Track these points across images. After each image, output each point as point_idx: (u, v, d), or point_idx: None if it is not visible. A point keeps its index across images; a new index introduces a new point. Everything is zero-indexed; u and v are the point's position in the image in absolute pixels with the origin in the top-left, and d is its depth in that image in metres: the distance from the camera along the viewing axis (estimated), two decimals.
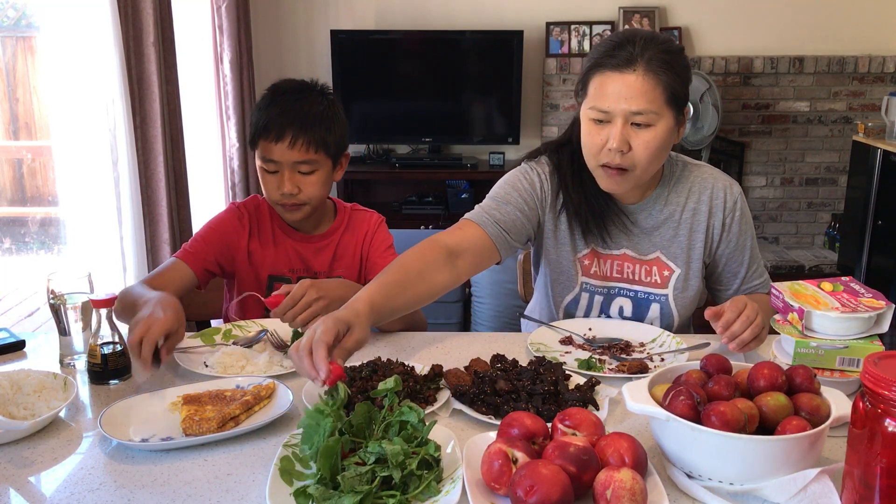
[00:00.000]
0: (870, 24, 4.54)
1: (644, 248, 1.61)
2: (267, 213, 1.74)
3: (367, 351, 1.50)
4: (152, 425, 1.17)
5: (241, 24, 3.87)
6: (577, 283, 1.63)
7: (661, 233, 1.60)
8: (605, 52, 1.43)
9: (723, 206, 1.59)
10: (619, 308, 1.63)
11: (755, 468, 0.96)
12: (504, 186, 1.62)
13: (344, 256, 1.75)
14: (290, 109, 1.59)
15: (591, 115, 1.45)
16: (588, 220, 1.57)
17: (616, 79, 1.41)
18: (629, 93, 1.40)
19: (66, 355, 1.42)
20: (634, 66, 1.40)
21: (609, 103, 1.42)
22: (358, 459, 0.99)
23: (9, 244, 4.22)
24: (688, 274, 1.61)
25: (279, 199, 1.64)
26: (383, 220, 1.81)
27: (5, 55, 4.06)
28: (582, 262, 1.62)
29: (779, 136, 4.65)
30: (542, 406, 1.18)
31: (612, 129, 1.43)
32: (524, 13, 4.56)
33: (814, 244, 4.83)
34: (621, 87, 1.41)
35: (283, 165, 1.61)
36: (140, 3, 2.70)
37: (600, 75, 1.44)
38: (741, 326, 1.33)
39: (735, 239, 1.61)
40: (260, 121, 1.61)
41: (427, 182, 4.69)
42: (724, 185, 1.60)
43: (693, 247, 1.60)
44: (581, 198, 1.57)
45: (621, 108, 1.41)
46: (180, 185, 2.99)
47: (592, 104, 1.44)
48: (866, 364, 0.89)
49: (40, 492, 1.03)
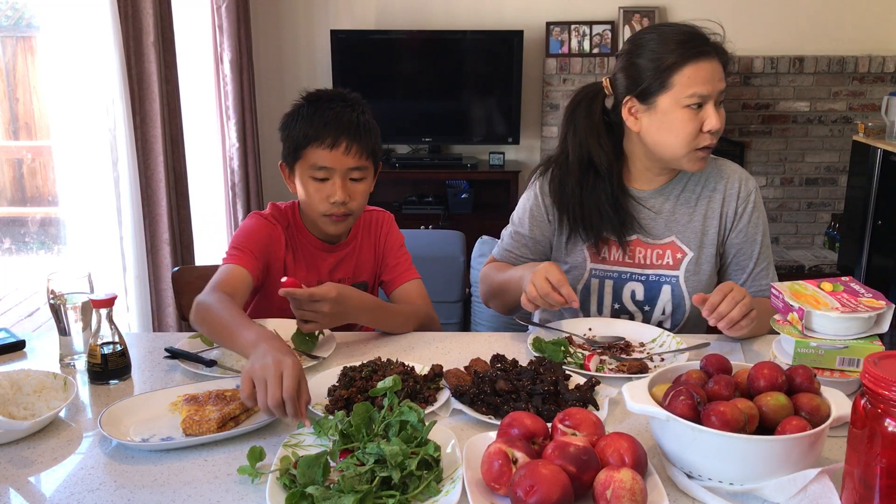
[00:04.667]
0: (870, 24, 4.54)
1: (658, 232, 1.66)
2: (301, 225, 1.68)
3: (367, 351, 1.50)
4: (152, 425, 1.17)
5: (241, 24, 3.87)
6: (587, 270, 1.67)
7: (676, 217, 1.65)
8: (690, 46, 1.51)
9: (736, 196, 1.65)
10: (632, 292, 1.66)
11: (755, 468, 0.96)
12: (519, 213, 1.74)
13: (365, 261, 1.73)
14: (341, 116, 1.56)
15: (688, 101, 1.52)
16: (603, 233, 1.63)
17: (706, 65, 1.52)
18: (719, 75, 1.53)
19: (66, 355, 1.42)
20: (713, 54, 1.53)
21: (708, 87, 1.51)
22: (357, 460, 0.99)
23: (9, 244, 4.22)
24: (700, 258, 1.65)
25: (328, 209, 1.57)
26: (392, 217, 1.79)
27: (5, 55, 4.06)
28: (590, 250, 1.67)
29: (779, 136, 4.65)
30: (542, 406, 1.18)
31: (707, 112, 1.52)
32: (524, 13, 4.56)
33: (814, 244, 4.83)
34: (713, 71, 1.52)
35: (335, 173, 1.55)
36: (140, 3, 2.70)
37: (693, 64, 1.51)
38: (728, 306, 1.37)
39: (745, 230, 1.65)
40: (309, 129, 1.55)
41: (427, 182, 4.69)
42: (740, 177, 1.67)
43: (707, 232, 1.65)
44: (595, 214, 1.62)
45: (716, 90, 1.53)
46: (180, 185, 2.99)
47: (692, 91, 1.51)
48: (866, 364, 0.89)
49: (40, 492, 1.03)
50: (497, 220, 4.49)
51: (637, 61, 1.54)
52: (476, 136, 4.65)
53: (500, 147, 4.65)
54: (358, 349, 1.51)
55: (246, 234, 1.61)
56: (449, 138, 4.72)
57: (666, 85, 1.52)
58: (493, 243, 2.30)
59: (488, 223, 4.42)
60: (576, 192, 1.62)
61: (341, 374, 1.30)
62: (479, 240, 2.32)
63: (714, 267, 1.67)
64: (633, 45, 1.57)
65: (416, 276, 1.73)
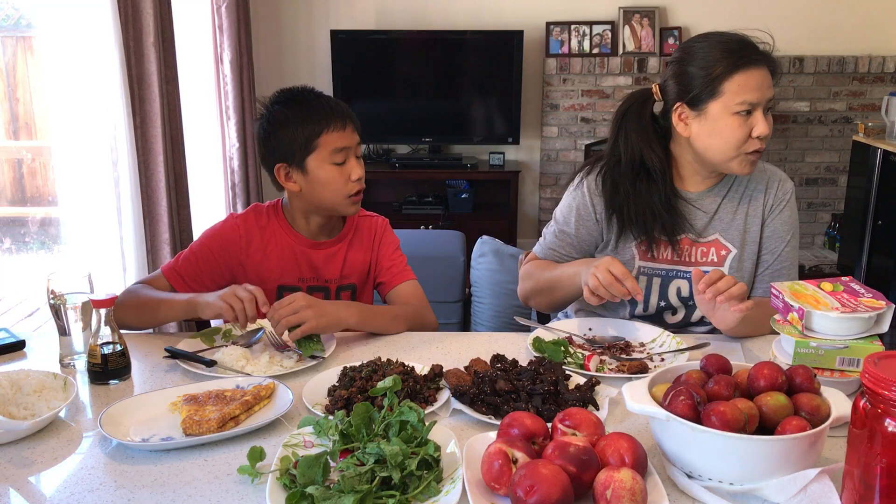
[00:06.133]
0: (870, 24, 4.54)
1: (704, 231, 1.69)
2: (275, 222, 1.71)
3: (367, 351, 1.50)
4: (152, 425, 1.17)
5: (241, 24, 3.87)
6: (635, 268, 1.70)
7: (720, 216, 1.69)
8: (739, 55, 1.54)
9: (774, 194, 1.70)
10: (677, 289, 1.70)
11: (755, 468, 0.96)
12: (564, 212, 1.75)
13: (354, 263, 1.73)
14: (328, 102, 1.64)
15: (737, 108, 1.55)
16: (652, 231, 1.67)
17: (755, 74, 1.54)
18: (768, 83, 1.56)
19: (66, 355, 1.42)
20: (762, 62, 1.56)
21: (757, 95, 1.54)
22: (357, 460, 0.99)
23: (9, 244, 4.22)
24: (742, 255, 1.69)
25: (353, 187, 1.64)
26: (388, 222, 1.80)
27: (5, 55, 4.06)
28: (639, 248, 1.70)
29: (779, 136, 4.65)
30: (542, 406, 1.18)
31: (756, 118, 1.56)
32: (524, 13, 4.56)
33: (814, 244, 4.83)
34: (761, 79, 1.55)
35: (350, 152, 1.64)
36: (140, 3, 2.70)
37: (743, 73, 1.54)
38: (727, 283, 1.41)
39: (774, 226, 1.69)
40: (311, 120, 1.60)
41: (427, 182, 4.69)
42: (779, 178, 1.72)
43: (749, 230, 1.69)
44: (644, 216, 1.66)
45: (765, 97, 1.55)
46: (180, 186, 2.99)
47: (742, 99, 1.54)
48: (866, 364, 0.89)
49: (40, 492, 1.03)
50: (497, 220, 4.54)
51: (688, 69, 1.58)
52: (476, 136, 4.65)
53: (500, 147, 4.65)
54: (358, 349, 1.51)
55: (199, 248, 1.68)
56: (449, 138, 4.72)
57: (716, 92, 1.55)
58: (493, 243, 2.31)
59: (488, 223, 4.44)
60: (629, 194, 1.66)
61: (341, 374, 1.30)
62: (479, 240, 2.32)
63: (755, 265, 1.71)
64: (683, 52, 1.62)
65: (411, 276, 1.74)
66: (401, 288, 1.71)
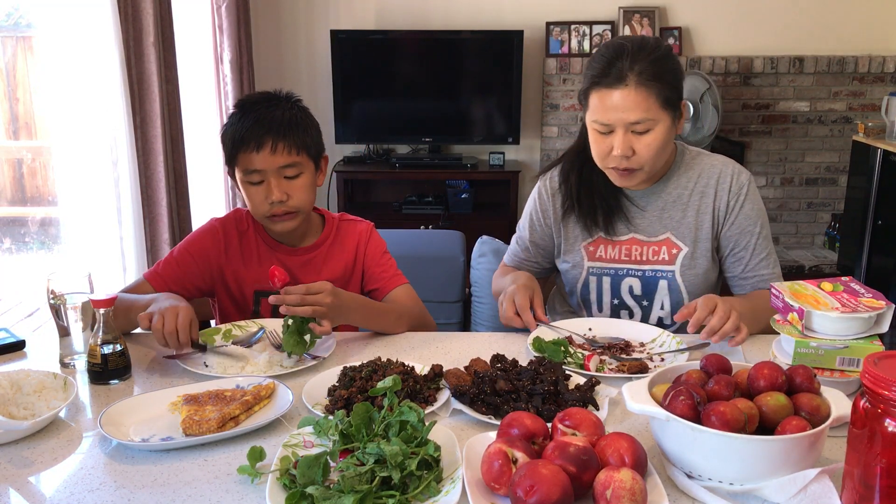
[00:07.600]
0: (870, 24, 4.54)
1: (653, 230, 1.69)
2: (251, 228, 1.69)
3: (367, 351, 1.50)
4: (152, 425, 1.17)
5: (241, 24, 3.87)
6: (584, 269, 1.72)
7: (670, 214, 1.69)
8: (600, 71, 1.54)
9: (728, 189, 1.66)
10: (629, 287, 1.71)
11: (755, 468, 0.96)
12: (522, 219, 1.81)
13: (333, 269, 1.69)
14: (263, 118, 1.56)
15: (594, 126, 1.57)
16: (597, 217, 1.69)
17: (611, 94, 1.52)
18: (625, 105, 1.51)
19: (66, 355, 1.42)
20: (626, 82, 1.51)
21: (609, 116, 1.53)
22: (357, 460, 0.99)
23: (9, 244, 4.22)
24: (695, 252, 1.68)
25: (268, 210, 1.58)
26: (373, 226, 1.76)
27: (5, 55, 4.06)
28: (587, 249, 1.72)
29: (779, 136, 4.65)
30: (542, 406, 1.18)
31: (615, 137, 1.54)
32: (524, 13, 4.56)
33: (814, 244, 4.83)
34: (618, 101, 1.52)
35: (267, 174, 1.56)
36: (140, 3, 2.70)
37: (597, 92, 1.55)
38: (719, 320, 1.39)
39: (739, 222, 1.67)
40: (235, 135, 1.56)
41: (427, 182, 4.69)
42: (732, 171, 1.68)
43: (700, 227, 1.68)
44: (590, 199, 1.69)
45: (620, 120, 1.52)
46: (180, 185, 2.99)
47: (594, 118, 1.56)
48: (866, 364, 0.89)
49: (40, 492, 1.03)
50: (497, 220, 4.54)
51: (585, 71, 1.61)
52: (476, 137, 4.65)
53: (500, 147, 4.65)
54: (358, 349, 1.51)
55: (179, 253, 1.67)
56: (449, 138, 4.72)
57: (586, 104, 1.59)
58: (493, 243, 2.30)
59: (488, 223, 4.43)
60: (581, 176, 1.70)
61: (341, 374, 1.30)
62: (479, 240, 2.32)
63: (710, 261, 1.69)
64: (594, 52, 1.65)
65: (403, 281, 1.71)
66: (395, 293, 1.68)
